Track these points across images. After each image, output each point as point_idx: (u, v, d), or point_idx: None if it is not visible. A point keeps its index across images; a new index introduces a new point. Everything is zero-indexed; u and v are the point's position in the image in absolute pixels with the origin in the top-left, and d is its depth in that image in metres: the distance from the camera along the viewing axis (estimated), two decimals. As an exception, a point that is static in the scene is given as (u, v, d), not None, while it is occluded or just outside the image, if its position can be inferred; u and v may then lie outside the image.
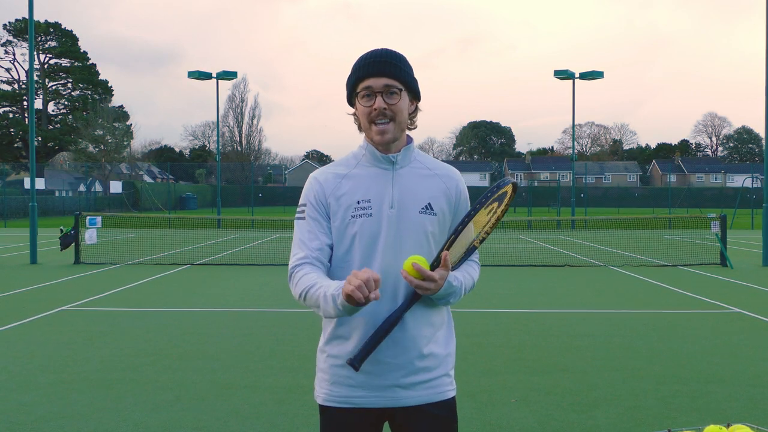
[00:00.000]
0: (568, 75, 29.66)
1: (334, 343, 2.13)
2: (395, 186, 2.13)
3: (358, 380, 2.09)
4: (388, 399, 2.10)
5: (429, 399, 2.12)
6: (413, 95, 2.16)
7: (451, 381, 2.21)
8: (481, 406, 5.02)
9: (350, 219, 2.10)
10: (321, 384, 2.17)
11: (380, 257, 2.08)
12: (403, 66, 2.13)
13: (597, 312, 9.10)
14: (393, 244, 2.09)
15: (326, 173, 2.18)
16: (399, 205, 2.11)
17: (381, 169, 2.15)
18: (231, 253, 17.60)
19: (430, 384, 2.13)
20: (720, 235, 14.72)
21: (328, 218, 2.14)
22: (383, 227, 2.09)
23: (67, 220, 29.05)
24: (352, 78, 2.13)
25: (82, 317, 8.58)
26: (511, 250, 18.05)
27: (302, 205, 2.17)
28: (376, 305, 2.00)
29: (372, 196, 2.11)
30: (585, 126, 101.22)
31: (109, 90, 65.61)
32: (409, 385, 2.10)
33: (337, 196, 2.12)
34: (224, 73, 31.33)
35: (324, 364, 2.16)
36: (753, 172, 46.47)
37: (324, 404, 2.15)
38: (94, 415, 4.79)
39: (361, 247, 2.09)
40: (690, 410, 4.93)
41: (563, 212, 41.08)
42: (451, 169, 2.24)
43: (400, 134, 2.14)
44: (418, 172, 2.18)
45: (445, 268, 2.01)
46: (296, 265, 2.11)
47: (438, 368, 2.15)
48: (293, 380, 5.66)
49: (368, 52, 2.14)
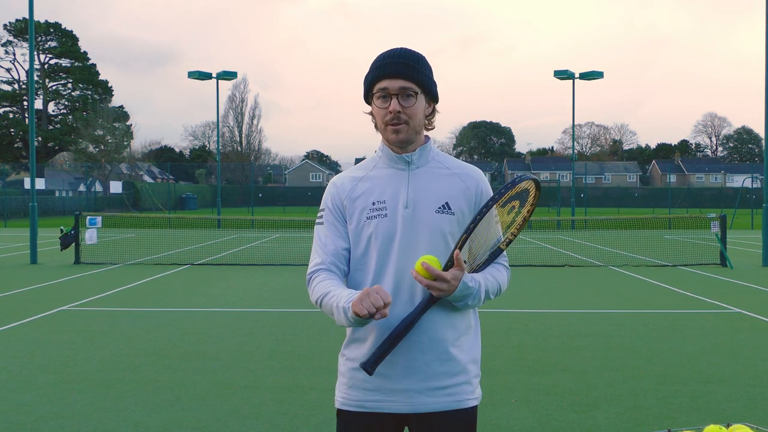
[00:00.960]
0: (568, 75, 29.68)
1: (352, 347, 2.10)
2: (410, 186, 2.07)
3: (374, 384, 2.04)
4: (404, 404, 2.03)
5: (447, 406, 2.04)
6: (431, 97, 2.09)
7: (473, 390, 2.11)
8: (481, 406, 4.96)
9: (366, 220, 2.07)
10: (339, 387, 2.13)
11: (396, 258, 2.03)
12: (421, 67, 2.05)
13: (597, 312, 9.10)
14: (408, 244, 2.03)
15: (344, 177, 2.17)
16: (414, 204, 2.05)
17: (397, 170, 2.10)
18: (231, 253, 17.60)
19: (449, 391, 2.04)
20: (720, 235, 14.72)
21: (345, 222, 2.11)
22: (399, 228, 2.04)
23: (67, 220, 29.04)
24: (369, 77, 2.07)
25: (82, 317, 8.58)
26: (512, 250, 17.99)
27: (321, 210, 2.16)
28: (393, 308, 1.96)
29: (387, 197, 2.07)
30: (585, 126, 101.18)
31: (109, 90, 65.60)
32: (426, 390, 2.02)
33: (353, 199, 2.09)
34: (224, 73, 31.35)
35: (343, 368, 2.13)
36: (753, 172, 46.45)
37: (340, 408, 2.11)
38: (94, 415, 4.79)
39: (377, 249, 2.05)
40: (690, 410, 4.93)
41: (563, 212, 41.08)
42: (471, 168, 2.17)
43: (416, 136, 2.08)
44: (435, 171, 2.11)
45: (459, 269, 1.93)
46: (313, 271, 2.11)
47: (459, 375, 2.06)
48: (293, 380, 5.66)
49: (386, 51, 2.07)
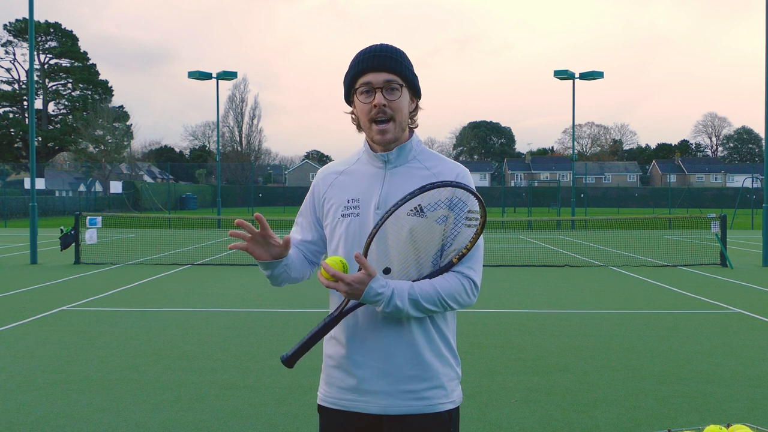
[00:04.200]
0: (568, 75, 29.66)
1: (330, 344, 2.12)
2: (384, 186, 2.04)
3: (348, 383, 2.05)
4: (375, 405, 2.02)
5: (418, 410, 2.00)
6: (414, 92, 2.07)
7: (447, 394, 2.04)
8: (481, 406, 5.02)
9: (339, 218, 2.08)
10: (321, 383, 2.17)
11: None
12: (404, 61, 2.03)
13: (597, 312, 9.09)
14: (378, 247, 1.97)
15: (327, 170, 2.20)
16: (385, 205, 2.00)
17: (375, 168, 2.09)
18: (231, 253, 17.58)
19: (420, 395, 2.01)
20: (720, 236, 14.71)
21: (316, 216, 2.17)
22: (369, 228, 1.98)
23: (67, 220, 29.05)
24: (350, 74, 2.04)
25: (82, 317, 8.58)
26: (511, 250, 18.05)
27: (306, 198, 2.24)
28: (356, 306, 1.96)
29: (361, 196, 2.06)
30: (585, 126, 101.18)
31: (109, 90, 65.53)
32: (397, 393, 2.00)
33: (330, 195, 2.12)
34: (224, 74, 31.30)
35: (323, 364, 2.16)
36: (753, 173, 46.49)
37: (320, 403, 2.15)
38: (94, 415, 4.79)
39: (345, 248, 2.04)
40: (690, 410, 4.93)
41: (563, 212, 41.10)
42: (450, 166, 2.07)
43: (401, 133, 2.05)
44: (414, 172, 2.05)
45: (365, 272, 1.86)
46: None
47: (431, 379, 2.02)
48: (293, 380, 5.66)
49: (367, 46, 2.05)
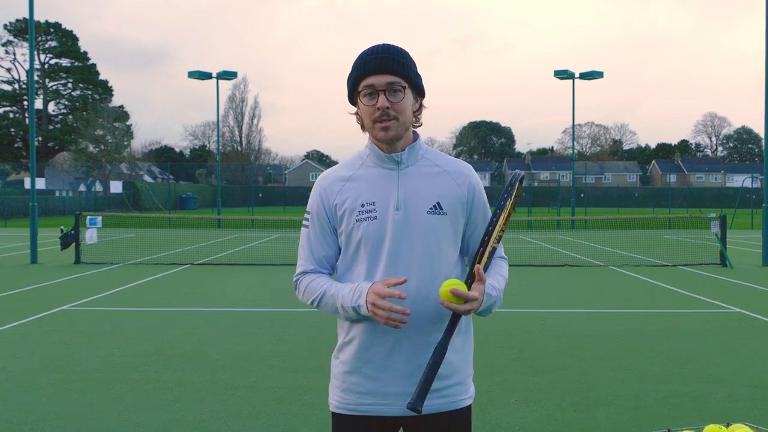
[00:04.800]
0: (568, 75, 29.67)
1: (345, 350, 2.10)
2: (401, 186, 2.03)
3: (368, 387, 2.04)
4: (398, 407, 2.01)
5: (441, 408, 2.03)
6: (417, 92, 2.06)
7: (467, 389, 2.11)
8: (481, 406, 5.02)
9: (355, 223, 2.02)
10: (333, 391, 2.13)
11: (386, 261, 2.00)
12: (407, 62, 2.02)
13: (597, 312, 9.10)
14: (400, 246, 1.99)
15: (330, 177, 2.12)
16: (405, 206, 2.00)
17: (386, 170, 2.06)
18: (231, 253, 17.59)
19: (442, 393, 2.03)
20: (720, 235, 14.71)
21: (331, 226, 2.09)
22: (388, 231, 2.00)
23: (67, 220, 29.05)
24: (353, 75, 2.03)
25: (82, 317, 8.58)
26: (511, 250, 18.04)
27: (308, 213, 2.14)
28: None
29: (377, 198, 2.02)
30: (585, 126, 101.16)
31: (109, 90, 65.58)
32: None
33: (341, 201, 2.06)
34: (224, 73, 31.28)
35: (336, 370, 2.13)
36: (753, 172, 46.45)
37: (335, 411, 2.11)
38: (94, 415, 4.79)
39: (368, 252, 2.02)
40: (690, 410, 4.93)
41: (563, 212, 41.11)
42: (461, 164, 2.13)
43: (405, 132, 2.04)
44: (425, 170, 2.07)
45: (480, 282, 1.95)
46: (299, 273, 2.13)
47: (452, 376, 2.05)
48: (293, 380, 5.66)
49: (369, 47, 2.04)
